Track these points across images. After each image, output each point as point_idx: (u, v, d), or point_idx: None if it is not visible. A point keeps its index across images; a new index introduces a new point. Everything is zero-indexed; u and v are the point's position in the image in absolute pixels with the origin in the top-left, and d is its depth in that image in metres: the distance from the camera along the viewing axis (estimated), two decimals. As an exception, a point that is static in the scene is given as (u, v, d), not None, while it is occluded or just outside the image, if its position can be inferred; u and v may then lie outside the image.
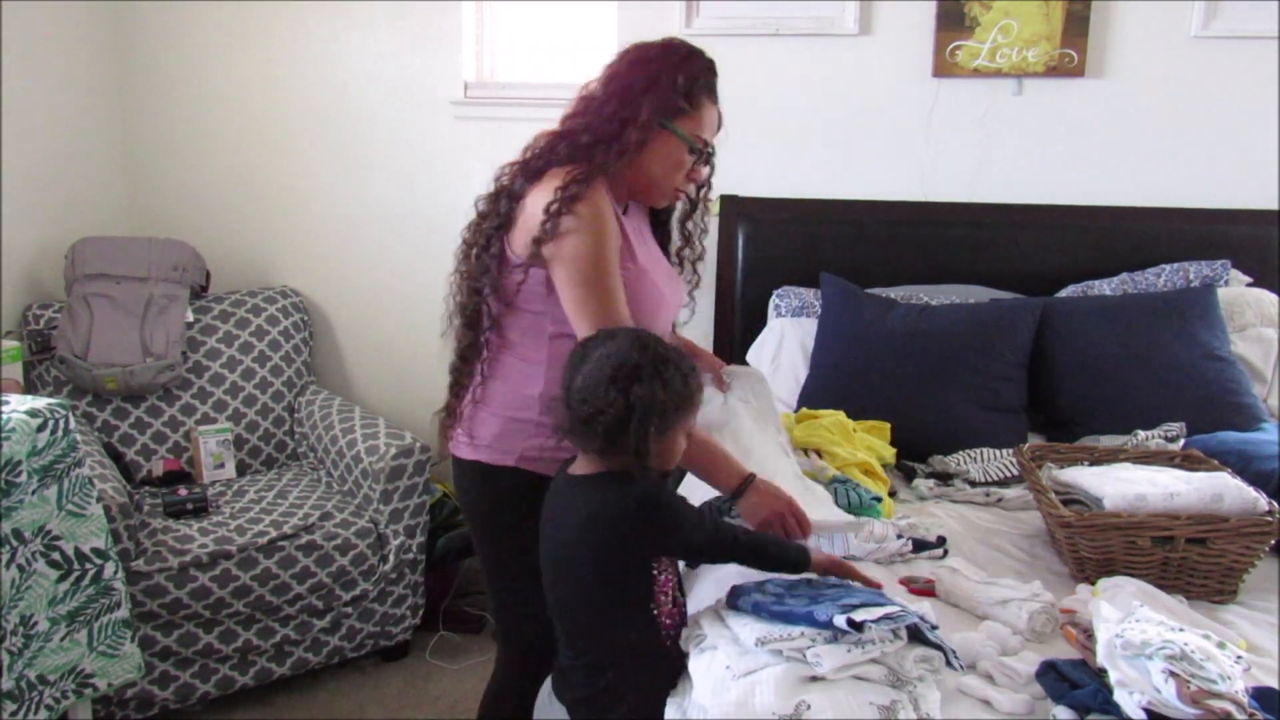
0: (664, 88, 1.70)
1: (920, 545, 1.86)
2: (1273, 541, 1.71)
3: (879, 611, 1.34)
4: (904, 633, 1.37)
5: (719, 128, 1.80)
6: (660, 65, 1.72)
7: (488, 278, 1.74)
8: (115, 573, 2.13)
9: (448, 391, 1.83)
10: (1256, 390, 2.54)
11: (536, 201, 1.67)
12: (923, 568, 1.81)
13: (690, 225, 1.90)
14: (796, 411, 2.42)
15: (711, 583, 1.74)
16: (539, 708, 1.66)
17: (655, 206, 1.87)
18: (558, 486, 1.59)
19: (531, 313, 1.72)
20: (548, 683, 1.63)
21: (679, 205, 1.89)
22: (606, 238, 1.64)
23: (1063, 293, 2.80)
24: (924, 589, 1.72)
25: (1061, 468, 1.98)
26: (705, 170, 1.81)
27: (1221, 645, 1.31)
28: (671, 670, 1.51)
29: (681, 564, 1.74)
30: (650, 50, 1.76)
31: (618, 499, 1.46)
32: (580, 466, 1.55)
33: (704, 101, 1.73)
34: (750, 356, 2.89)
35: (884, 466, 2.24)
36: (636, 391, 1.43)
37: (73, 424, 2.04)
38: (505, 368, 1.76)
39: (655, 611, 1.51)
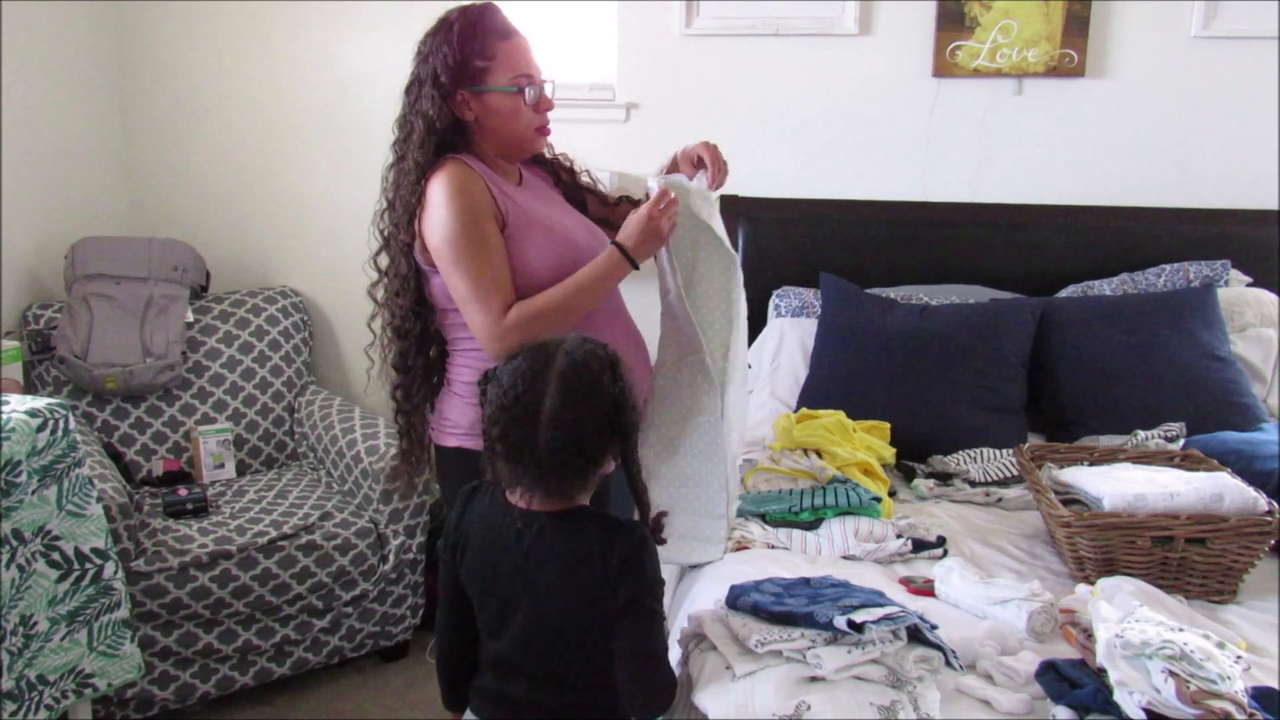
0: (448, 62, 1.75)
1: (920, 545, 1.87)
2: (1272, 541, 1.72)
3: (879, 612, 1.34)
4: (904, 633, 1.37)
5: (532, 54, 1.82)
6: (434, 45, 1.79)
7: (411, 297, 1.79)
8: (115, 573, 2.13)
9: (398, 434, 1.87)
10: (1256, 390, 2.55)
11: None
12: (922, 568, 1.81)
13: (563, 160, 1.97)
14: (796, 411, 2.42)
15: (710, 581, 1.74)
16: None
17: (530, 156, 1.91)
18: (505, 523, 1.43)
19: (454, 308, 1.77)
20: None
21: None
22: (460, 217, 1.69)
23: (1063, 293, 2.80)
24: (924, 589, 1.72)
25: (1061, 467, 1.99)
26: (549, 93, 1.82)
27: (1221, 645, 1.31)
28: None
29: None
30: (422, 40, 1.83)
31: (624, 538, 1.36)
32: (534, 502, 1.40)
33: (496, 45, 1.77)
34: (750, 356, 2.89)
35: (884, 466, 2.24)
36: (603, 430, 1.38)
37: (73, 424, 2.04)
38: (462, 358, 1.82)
39: None
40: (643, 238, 1.72)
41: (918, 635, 1.39)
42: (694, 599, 1.74)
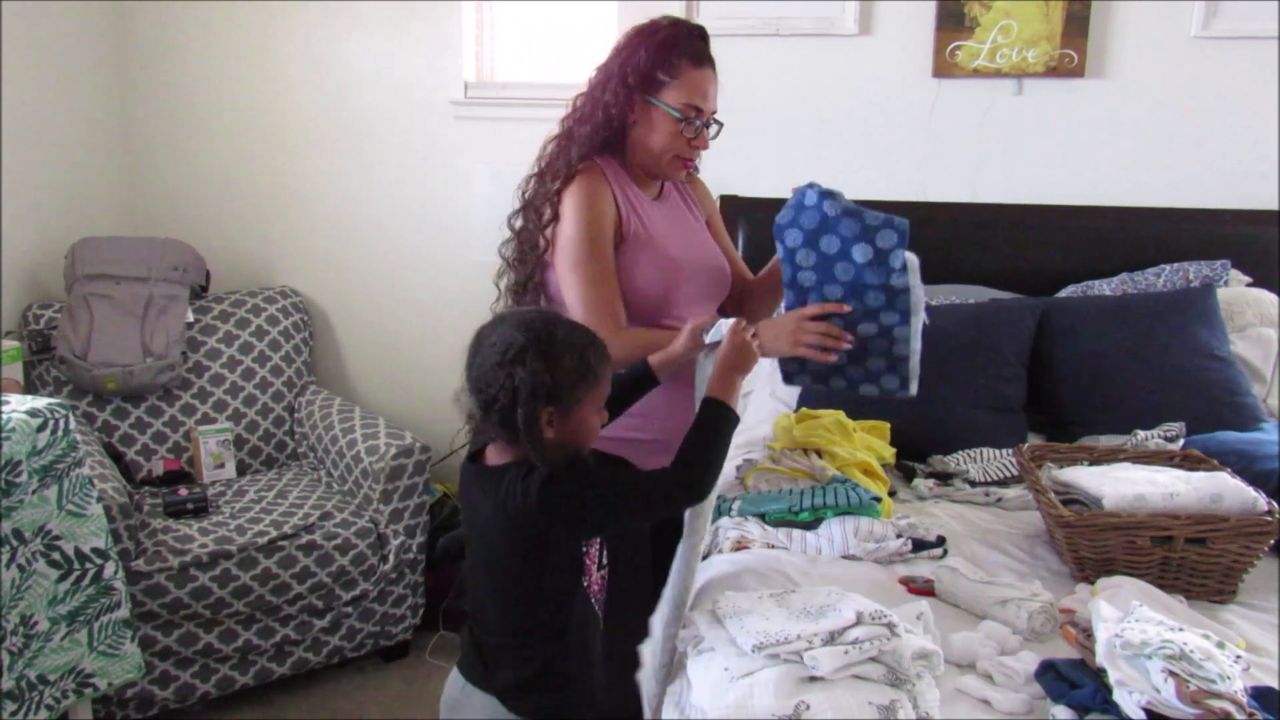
0: (639, 64, 1.78)
1: (920, 545, 1.86)
2: (1272, 541, 1.71)
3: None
4: (900, 630, 1.37)
5: (716, 91, 1.84)
6: (635, 43, 1.81)
7: (530, 283, 1.85)
8: (115, 573, 2.13)
9: None
10: (1256, 390, 2.54)
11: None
12: (922, 567, 1.81)
13: None
14: (796, 411, 2.42)
15: (708, 583, 1.74)
16: (447, 702, 1.57)
17: (668, 180, 1.94)
18: (467, 477, 1.58)
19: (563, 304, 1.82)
20: (454, 673, 1.57)
21: None
22: (582, 229, 1.76)
23: (1063, 293, 2.80)
24: (924, 589, 1.72)
25: (1061, 467, 1.98)
26: (709, 135, 1.87)
27: (1221, 645, 1.31)
28: (599, 641, 1.52)
29: None
30: (629, 33, 1.84)
31: (521, 492, 1.40)
32: (491, 456, 1.53)
33: (685, 67, 1.79)
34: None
35: (883, 466, 2.24)
36: (519, 374, 1.41)
37: (73, 424, 2.04)
38: None
39: (585, 582, 1.50)
40: (774, 337, 1.73)
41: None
42: (693, 600, 1.74)
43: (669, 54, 1.79)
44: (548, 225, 1.81)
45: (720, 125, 1.88)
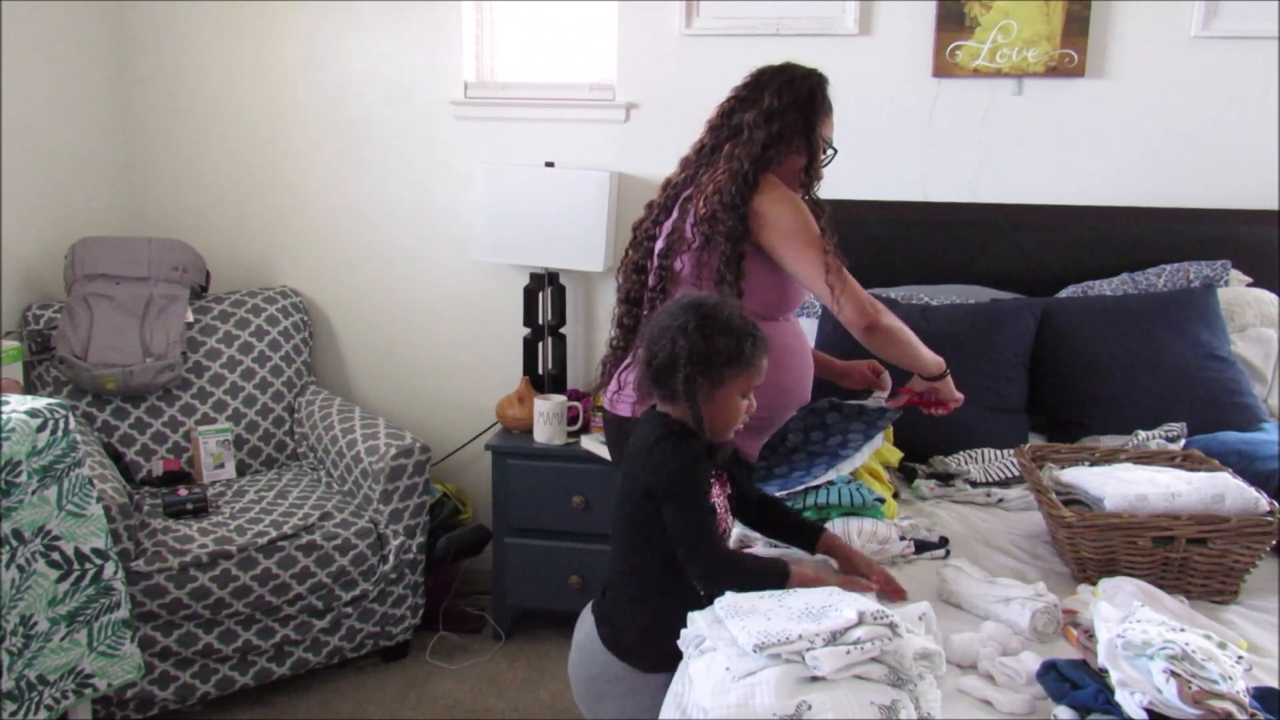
0: (818, 102, 2.04)
1: (922, 546, 1.87)
2: (1273, 542, 1.71)
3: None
4: (902, 630, 1.36)
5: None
6: (815, 87, 2.05)
7: (671, 256, 2.03)
8: (115, 573, 2.13)
9: (605, 364, 2.14)
10: (1256, 390, 2.55)
11: (763, 202, 1.97)
12: (925, 568, 1.81)
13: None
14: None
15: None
16: (581, 635, 1.75)
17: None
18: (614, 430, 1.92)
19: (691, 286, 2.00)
20: (588, 610, 1.75)
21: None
22: (804, 213, 2.00)
23: (1063, 293, 2.80)
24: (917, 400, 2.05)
25: (1062, 468, 1.98)
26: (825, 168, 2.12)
27: (1222, 645, 1.31)
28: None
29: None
30: (796, 72, 2.06)
31: (648, 432, 1.62)
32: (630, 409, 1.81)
33: (828, 113, 2.07)
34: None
35: (885, 467, 2.25)
36: (680, 341, 1.58)
37: (73, 424, 2.04)
38: None
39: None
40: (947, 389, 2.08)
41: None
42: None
43: (825, 96, 2.06)
44: (741, 216, 1.96)
45: (835, 152, 2.11)
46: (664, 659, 1.58)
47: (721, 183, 1.97)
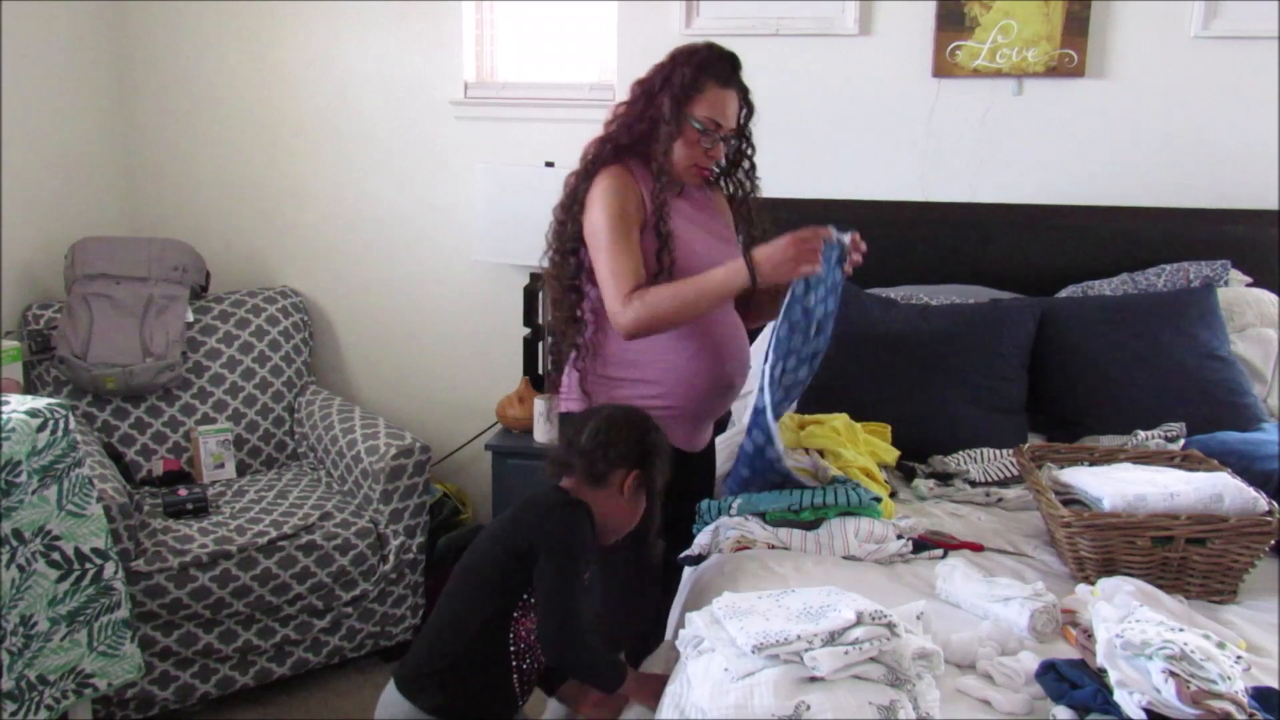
0: (678, 80, 1.97)
1: (920, 546, 1.86)
2: (1273, 541, 1.71)
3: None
4: (900, 630, 1.36)
5: (742, 111, 2.05)
6: (678, 61, 1.99)
7: (580, 270, 2.02)
8: (115, 573, 2.13)
9: (548, 370, 2.22)
10: (1256, 390, 2.54)
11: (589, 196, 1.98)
12: (923, 568, 1.81)
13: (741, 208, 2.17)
14: (797, 412, 2.42)
15: (709, 583, 1.74)
16: (383, 705, 1.73)
17: (687, 184, 2.08)
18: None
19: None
20: (390, 685, 1.72)
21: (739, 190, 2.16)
22: (609, 212, 1.93)
23: (1063, 293, 2.80)
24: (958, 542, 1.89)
25: (1061, 468, 1.98)
26: (722, 149, 2.05)
27: (1221, 645, 1.31)
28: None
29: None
30: (674, 51, 2.03)
31: (552, 495, 1.72)
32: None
33: (709, 85, 1.97)
34: (751, 356, 2.88)
35: (884, 467, 2.25)
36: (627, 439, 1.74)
37: (73, 424, 2.04)
38: (598, 334, 2.06)
39: (511, 649, 1.67)
40: (774, 261, 1.84)
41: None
42: (693, 600, 1.74)
43: (702, 73, 1.97)
44: (577, 216, 1.98)
45: (739, 142, 2.08)
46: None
47: (568, 182, 2.03)
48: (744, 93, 2.05)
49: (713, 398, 2.07)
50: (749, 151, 2.13)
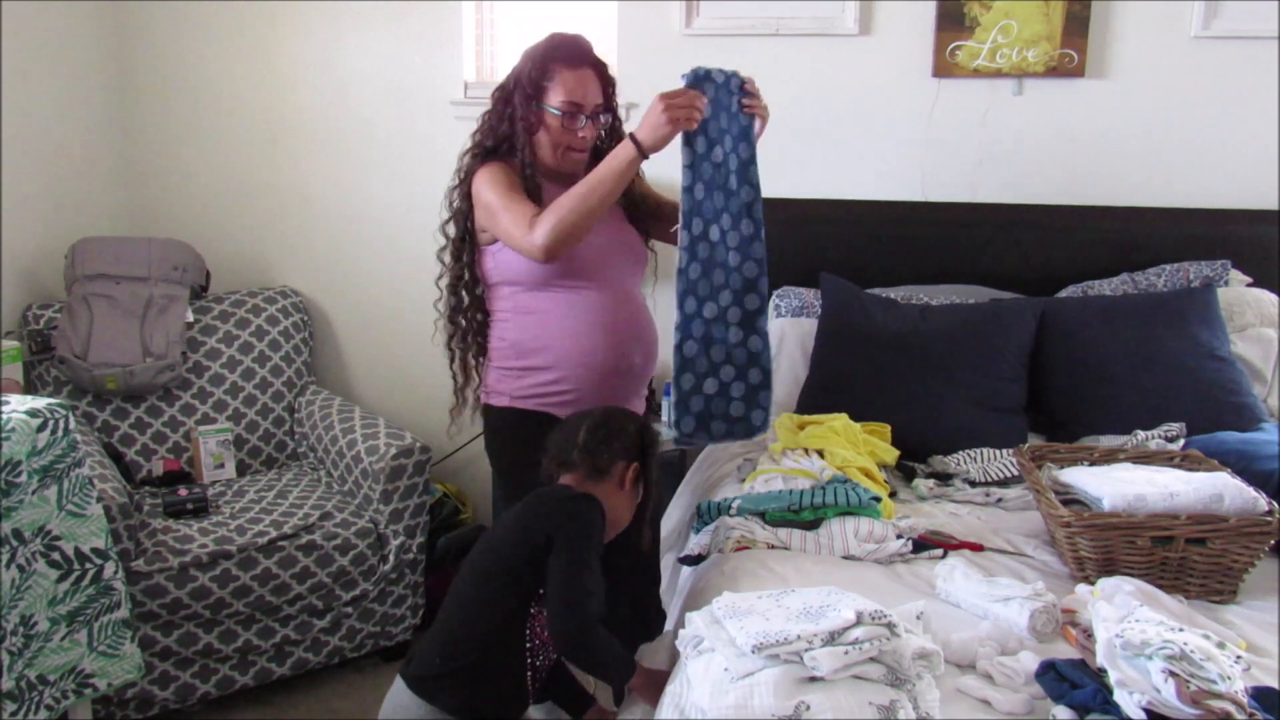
0: (526, 76, 2.01)
1: (920, 545, 1.87)
2: (1272, 541, 1.71)
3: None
4: (900, 630, 1.36)
5: (596, 87, 2.05)
6: (523, 59, 2.04)
7: (469, 274, 2.09)
8: (115, 573, 2.13)
9: (452, 375, 2.17)
10: (1256, 390, 2.54)
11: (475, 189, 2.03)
12: (923, 568, 1.81)
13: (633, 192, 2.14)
14: (798, 412, 2.42)
15: (709, 583, 1.73)
16: (392, 707, 1.72)
17: (565, 172, 2.07)
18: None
19: (491, 284, 2.09)
20: (399, 686, 1.71)
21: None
22: (496, 180, 1.99)
23: (1063, 293, 2.80)
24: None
25: (1061, 468, 1.99)
26: (593, 128, 2.05)
27: (1221, 645, 1.31)
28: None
29: None
30: (524, 53, 2.07)
31: (561, 490, 1.76)
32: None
33: (559, 70, 2.01)
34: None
35: (883, 467, 2.25)
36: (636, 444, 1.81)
37: (73, 424, 2.04)
38: (499, 329, 2.10)
39: (527, 645, 1.68)
40: (649, 124, 1.86)
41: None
42: (693, 600, 1.74)
43: (546, 62, 2.01)
44: (468, 211, 2.04)
45: (610, 117, 2.09)
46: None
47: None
48: (601, 68, 2.07)
49: (612, 379, 2.04)
50: (620, 126, 2.13)
